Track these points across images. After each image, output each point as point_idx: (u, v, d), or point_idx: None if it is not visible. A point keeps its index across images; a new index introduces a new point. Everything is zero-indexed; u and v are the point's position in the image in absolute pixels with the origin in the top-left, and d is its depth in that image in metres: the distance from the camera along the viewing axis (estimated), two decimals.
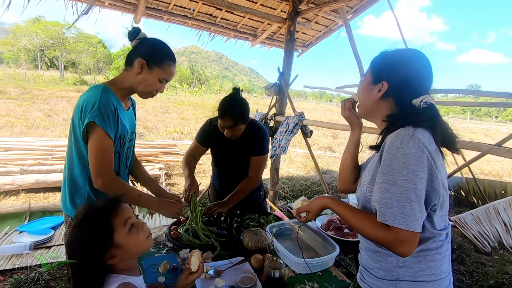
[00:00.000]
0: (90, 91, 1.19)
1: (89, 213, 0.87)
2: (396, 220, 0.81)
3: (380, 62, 0.98)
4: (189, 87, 37.88)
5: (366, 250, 1.03)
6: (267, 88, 3.85)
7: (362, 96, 1.02)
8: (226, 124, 1.66)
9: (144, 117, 11.11)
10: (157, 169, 4.95)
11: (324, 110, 26.97)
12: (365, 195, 0.97)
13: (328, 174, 6.18)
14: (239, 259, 1.42)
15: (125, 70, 1.30)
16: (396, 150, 0.83)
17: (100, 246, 0.83)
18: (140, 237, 0.92)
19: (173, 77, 1.34)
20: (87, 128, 1.14)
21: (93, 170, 1.15)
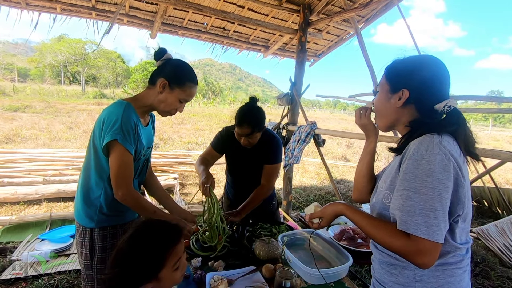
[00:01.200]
0: (113, 107, 1.26)
1: (150, 235, 0.87)
2: (419, 229, 0.77)
3: (395, 69, 0.96)
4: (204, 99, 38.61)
5: (380, 263, 1.00)
6: (279, 98, 3.88)
7: (381, 107, 0.99)
8: (244, 132, 1.70)
9: (160, 128, 11.39)
10: (172, 179, 5.04)
11: (338, 119, 26.69)
12: (382, 201, 0.95)
13: (342, 184, 6.07)
14: (250, 268, 1.42)
15: (148, 88, 1.36)
16: (420, 157, 0.80)
17: (143, 274, 0.83)
18: (178, 276, 0.92)
19: (192, 98, 1.39)
20: (109, 145, 1.20)
21: (114, 182, 1.21)
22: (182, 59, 1.46)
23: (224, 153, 1.99)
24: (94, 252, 1.31)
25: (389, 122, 1.00)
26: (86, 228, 1.30)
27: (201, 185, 1.66)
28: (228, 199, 2.17)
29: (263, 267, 1.40)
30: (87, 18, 3.56)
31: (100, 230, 1.31)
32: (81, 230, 1.32)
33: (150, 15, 3.71)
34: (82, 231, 1.31)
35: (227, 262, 1.49)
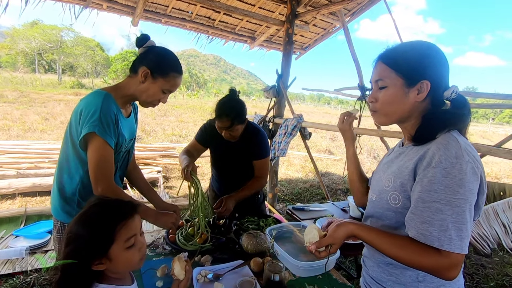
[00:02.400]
0: (91, 97, 1.17)
1: (99, 211, 0.83)
2: (453, 244, 0.72)
3: (406, 59, 0.85)
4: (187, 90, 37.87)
5: (378, 262, 0.97)
6: (265, 91, 3.85)
7: (393, 104, 0.87)
8: (224, 124, 1.66)
9: (143, 120, 11.07)
10: (155, 172, 4.93)
11: (322, 113, 27.02)
12: (387, 201, 0.90)
13: (327, 177, 6.17)
14: (238, 262, 1.40)
15: (129, 76, 1.28)
16: (450, 166, 0.74)
17: (91, 251, 0.79)
18: (134, 257, 0.87)
19: (177, 88, 1.32)
20: (87, 137, 1.12)
21: (93, 177, 1.14)
22: None
23: (209, 146, 1.94)
24: None
25: (399, 118, 0.91)
26: (64, 224, 1.23)
27: (182, 171, 1.63)
28: (213, 192, 2.13)
29: (252, 261, 1.38)
30: (62, 1, 3.35)
31: None
32: (59, 226, 1.24)
33: (131, 1, 3.54)
34: (60, 227, 1.24)
35: (215, 256, 1.46)
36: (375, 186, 1.03)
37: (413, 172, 0.83)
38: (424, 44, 0.86)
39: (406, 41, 0.90)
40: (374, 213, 0.98)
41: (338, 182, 5.80)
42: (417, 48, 0.86)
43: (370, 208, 1.00)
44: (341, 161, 8.08)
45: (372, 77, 0.93)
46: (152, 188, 1.62)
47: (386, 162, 1.03)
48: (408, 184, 0.84)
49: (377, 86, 0.90)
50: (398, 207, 0.87)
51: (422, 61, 0.83)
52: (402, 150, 0.95)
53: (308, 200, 4.80)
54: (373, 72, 0.93)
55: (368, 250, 1.05)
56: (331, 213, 2.06)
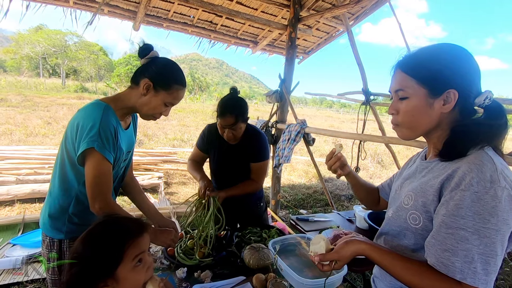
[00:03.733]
0: (90, 109, 1.12)
1: (107, 228, 0.79)
2: (477, 278, 0.65)
3: (428, 67, 0.76)
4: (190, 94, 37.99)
5: (389, 286, 0.90)
6: (268, 95, 3.79)
7: (416, 117, 0.79)
8: (227, 122, 1.63)
9: (145, 124, 11.05)
10: (156, 178, 4.86)
11: (324, 117, 26.96)
12: (406, 221, 0.82)
13: (330, 182, 6.07)
14: (239, 279, 1.33)
15: (130, 87, 1.23)
16: (483, 191, 0.65)
17: (98, 271, 0.74)
18: (141, 277, 0.81)
19: (179, 101, 1.27)
20: (85, 152, 1.06)
21: (90, 194, 1.08)
22: (168, 53, 1.34)
23: (209, 152, 1.90)
24: (63, 265, 1.17)
25: (423, 132, 0.83)
26: (53, 240, 1.17)
27: (199, 191, 1.64)
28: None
29: (254, 277, 1.30)
30: (64, 6, 3.33)
31: (70, 241, 1.18)
32: (47, 241, 1.18)
33: (133, 5, 3.51)
34: (49, 242, 1.17)
35: (215, 271, 1.39)
36: (392, 202, 0.96)
37: (439, 192, 0.74)
38: (448, 48, 0.77)
39: (427, 46, 0.81)
40: (390, 231, 0.90)
41: (342, 188, 5.70)
42: (440, 54, 0.77)
43: (386, 225, 0.93)
44: None
45: (391, 87, 0.85)
46: (149, 201, 1.56)
47: (405, 176, 0.94)
48: (431, 205, 0.76)
49: (398, 97, 0.82)
50: (418, 228, 0.79)
51: (446, 68, 0.75)
52: (426, 165, 0.86)
53: (311, 206, 4.71)
54: (392, 81, 0.84)
55: (379, 271, 0.97)
56: (336, 224, 1.98)
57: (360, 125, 3.39)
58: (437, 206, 0.74)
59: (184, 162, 6.12)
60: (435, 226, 0.73)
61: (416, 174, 0.89)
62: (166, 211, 3.64)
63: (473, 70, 0.76)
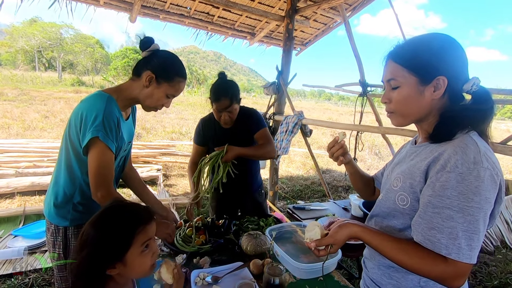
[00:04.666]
0: (93, 99, 1.14)
1: (118, 214, 0.81)
2: (461, 253, 0.69)
3: (418, 56, 0.79)
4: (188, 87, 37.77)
5: (378, 264, 0.94)
6: (265, 87, 3.80)
7: (408, 104, 0.82)
8: (223, 105, 1.67)
9: (143, 117, 11.03)
10: (155, 170, 4.90)
11: (323, 109, 26.93)
12: (395, 202, 0.86)
13: (328, 174, 6.13)
14: (237, 264, 1.37)
15: (131, 79, 1.25)
16: (467, 171, 0.69)
17: (109, 255, 0.77)
18: (147, 263, 0.85)
19: (181, 92, 1.31)
20: (89, 142, 1.09)
21: (93, 182, 1.11)
22: (165, 45, 1.37)
23: (208, 145, 1.92)
24: (69, 252, 1.21)
25: (416, 118, 0.86)
26: (58, 227, 1.20)
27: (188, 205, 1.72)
28: (215, 200, 2.08)
29: (251, 263, 1.35)
30: None
31: (75, 228, 1.22)
32: (52, 228, 1.21)
33: None
34: (54, 230, 1.21)
35: (213, 257, 1.43)
36: (383, 186, 1.01)
37: (425, 174, 0.79)
38: (436, 37, 0.80)
39: (416, 36, 0.84)
40: (380, 213, 0.95)
41: (339, 179, 5.76)
42: (428, 42, 0.80)
43: (376, 207, 0.97)
44: None
45: (384, 76, 0.88)
46: (149, 191, 1.59)
47: (396, 161, 0.99)
48: (418, 186, 0.80)
49: (390, 86, 0.85)
50: (406, 208, 0.84)
51: (435, 55, 0.77)
52: (414, 150, 0.91)
53: (309, 197, 4.77)
54: (384, 71, 0.88)
55: (369, 251, 1.02)
56: (332, 212, 2.02)
57: (358, 117, 3.43)
58: (423, 187, 0.79)
59: (182, 154, 6.14)
60: (421, 206, 0.77)
61: (405, 159, 0.93)
62: (165, 203, 3.68)
63: (460, 57, 0.79)
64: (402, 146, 1.09)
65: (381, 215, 0.94)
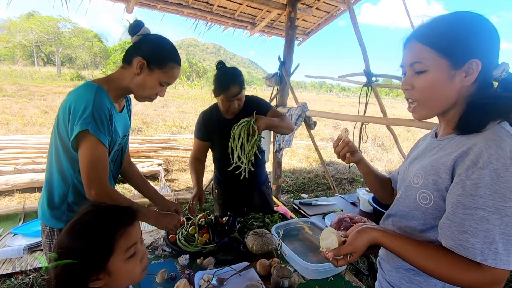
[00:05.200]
0: (81, 91, 1.06)
1: (94, 218, 0.73)
2: (498, 259, 0.62)
3: (449, 36, 0.70)
4: (188, 81, 37.47)
5: (396, 267, 0.87)
6: (267, 79, 3.69)
7: (436, 91, 0.73)
8: (233, 92, 1.60)
9: (143, 111, 10.94)
10: (156, 165, 4.83)
11: (324, 101, 26.73)
12: (416, 201, 0.78)
13: (331, 166, 6.05)
14: (243, 264, 1.30)
15: (122, 68, 1.16)
16: (503, 168, 0.61)
17: (88, 265, 0.69)
18: (136, 269, 0.77)
19: (175, 80, 1.22)
20: (79, 136, 1.01)
21: (86, 180, 1.03)
22: None
23: (210, 139, 1.83)
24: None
25: (443, 109, 0.76)
26: (53, 229, 1.13)
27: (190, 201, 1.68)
28: (221, 190, 2.00)
29: (257, 263, 1.28)
30: None
31: None
32: (47, 231, 1.14)
33: None
34: (49, 232, 1.14)
35: (217, 257, 1.37)
36: (400, 183, 0.92)
37: (451, 170, 0.70)
38: (468, 15, 0.71)
39: (443, 14, 0.74)
40: (398, 212, 0.87)
41: (343, 172, 5.68)
42: (460, 21, 0.71)
43: (394, 206, 0.89)
44: None
45: (405, 60, 0.78)
46: (150, 185, 1.52)
47: (413, 156, 0.90)
48: (443, 183, 0.71)
49: (413, 71, 0.76)
50: (429, 207, 0.75)
51: (469, 35, 0.69)
52: (437, 143, 0.82)
53: (312, 190, 4.70)
54: (406, 54, 0.78)
55: (385, 252, 0.94)
56: (339, 208, 1.95)
57: (362, 108, 3.33)
58: (449, 184, 0.70)
59: (184, 148, 6.07)
60: (449, 207, 0.69)
61: (425, 153, 0.84)
62: (167, 198, 3.62)
63: (495, 38, 0.70)
64: (420, 140, 1.00)
65: (399, 215, 0.86)
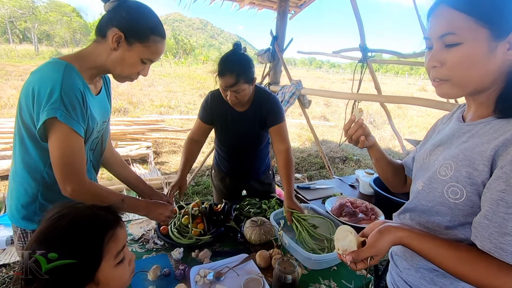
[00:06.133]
0: (46, 70, 0.89)
1: (75, 223, 0.60)
2: None
3: (494, 0, 0.59)
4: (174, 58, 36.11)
5: (417, 267, 0.79)
6: (259, 55, 3.50)
7: (472, 67, 0.62)
8: (228, 82, 1.40)
9: (128, 91, 10.50)
10: (145, 148, 4.66)
11: (314, 78, 26.39)
12: (443, 195, 0.68)
13: (324, 145, 6.01)
14: (242, 256, 1.22)
15: (96, 41, 0.98)
16: None
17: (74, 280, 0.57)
18: (125, 274, 0.68)
19: (159, 56, 1.02)
20: (47, 124, 0.86)
21: (59, 175, 0.89)
22: None
23: (214, 123, 1.68)
24: None
25: (478, 87, 0.65)
26: (26, 231, 1.01)
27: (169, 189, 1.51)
28: (220, 172, 1.89)
29: (257, 255, 1.21)
30: None
31: None
32: (19, 232, 1.02)
33: None
34: (21, 234, 1.02)
35: (214, 249, 1.29)
36: (418, 173, 0.82)
37: (491, 161, 0.60)
38: None
39: None
40: (419, 206, 0.77)
41: (336, 150, 5.66)
42: None
43: (414, 200, 0.79)
44: (336, 127, 7.90)
45: (432, 31, 0.65)
46: (136, 174, 1.39)
47: (436, 143, 0.79)
48: (480, 176, 0.61)
49: (443, 44, 0.63)
50: (459, 203, 0.66)
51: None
52: (467, 128, 0.71)
53: (306, 170, 4.67)
54: (433, 23, 0.65)
55: (402, 249, 0.85)
56: (339, 191, 1.88)
57: (356, 85, 3.21)
58: (487, 178, 0.60)
59: (173, 130, 5.88)
60: (488, 204, 0.59)
61: (452, 140, 0.73)
62: (158, 182, 3.51)
63: None
64: (438, 123, 0.89)
65: (420, 209, 0.77)
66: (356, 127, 0.88)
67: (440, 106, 1.85)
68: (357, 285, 1.12)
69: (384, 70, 48.45)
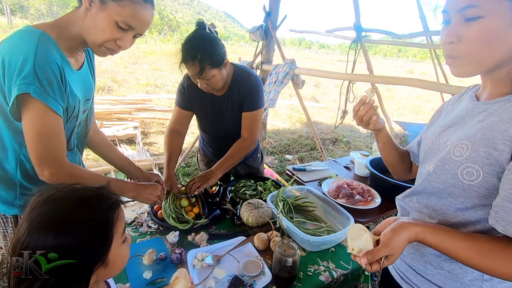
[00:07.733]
0: (18, 39, 0.78)
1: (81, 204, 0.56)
2: None
3: None
4: (160, 35, 34.64)
5: (422, 252, 0.77)
6: (251, 32, 3.35)
7: (492, 43, 0.58)
8: (192, 71, 1.28)
9: (112, 69, 10.06)
10: (132, 128, 4.51)
11: (304, 58, 26.04)
12: (457, 176, 0.66)
13: (315, 126, 6.00)
14: (239, 239, 1.20)
15: (76, 8, 0.87)
16: None
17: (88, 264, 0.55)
18: (127, 253, 0.67)
19: (144, 25, 0.89)
20: (20, 101, 0.77)
21: (34, 158, 0.81)
22: None
23: (193, 109, 1.57)
24: None
25: (494, 65, 0.61)
26: (6, 216, 0.94)
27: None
28: (204, 156, 1.84)
29: (255, 237, 1.19)
30: None
31: None
32: None
33: None
34: (1, 219, 0.95)
35: (210, 232, 1.26)
36: (428, 155, 0.79)
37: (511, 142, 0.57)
38: None
39: None
40: (428, 188, 0.74)
41: (327, 132, 5.67)
42: None
43: (424, 182, 0.76)
44: (326, 109, 7.89)
45: (451, 4, 0.60)
46: (123, 155, 1.32)
47: (446, 123, 0.76)
48: (500, 156, 0.58)
49: (462, 18, 0.59)
50: (474, 184, 0.63)
51: None
52: (483, 107, 0.67)
53: (297, 151, 4.67)
54: None
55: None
56: (334, 173, 1.87)
57: (350, 66, 3.15)
58: (508, 158, 0.58)
59: (160, 109, 5.71)
60: (508, 186, 0.57)
61: (466, 119, 0.70)
62: (147, 163, 3.43)
63: None
64: (445, 105, 0.86)
65: (430, 192, 0.74)
66: (367, 107, 0.84)
67: (437, 87, 1.83)
68: (355, 266, 1.13)
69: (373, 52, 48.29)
